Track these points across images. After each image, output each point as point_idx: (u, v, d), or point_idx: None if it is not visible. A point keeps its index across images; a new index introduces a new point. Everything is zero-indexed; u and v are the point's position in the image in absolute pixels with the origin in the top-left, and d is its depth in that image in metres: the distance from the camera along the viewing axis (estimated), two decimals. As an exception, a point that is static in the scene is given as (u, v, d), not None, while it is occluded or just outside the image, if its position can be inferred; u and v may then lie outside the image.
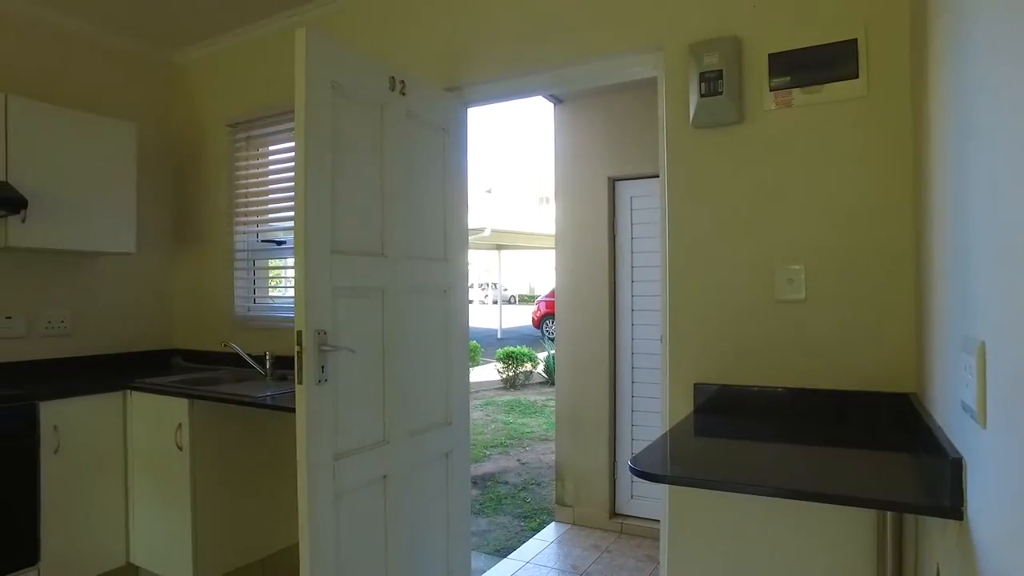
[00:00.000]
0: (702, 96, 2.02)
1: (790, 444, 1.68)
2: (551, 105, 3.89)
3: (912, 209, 1.78)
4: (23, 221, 2.67)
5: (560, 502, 3.86)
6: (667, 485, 2.07)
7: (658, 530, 3.45)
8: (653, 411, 3.58)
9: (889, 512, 1.58)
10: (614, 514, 3.71)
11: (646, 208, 3.60)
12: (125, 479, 2.83)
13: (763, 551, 1.94)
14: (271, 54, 3.25)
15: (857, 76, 1.83)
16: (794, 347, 1.94)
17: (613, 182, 3.70)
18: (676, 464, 1.58)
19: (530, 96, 2.76)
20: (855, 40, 1.84)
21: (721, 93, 1.98)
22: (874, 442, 1.66)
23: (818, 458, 1.58)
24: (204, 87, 3.56)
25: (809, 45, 1.89)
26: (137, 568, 2.89)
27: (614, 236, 3.69)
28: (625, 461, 3.68)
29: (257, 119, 3.27)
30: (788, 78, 1.92)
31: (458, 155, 2.57)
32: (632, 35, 2.23)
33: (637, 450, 3.65)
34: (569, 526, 3.78)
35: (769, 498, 1.86)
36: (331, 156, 1.95)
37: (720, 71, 1.97)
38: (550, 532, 3.73)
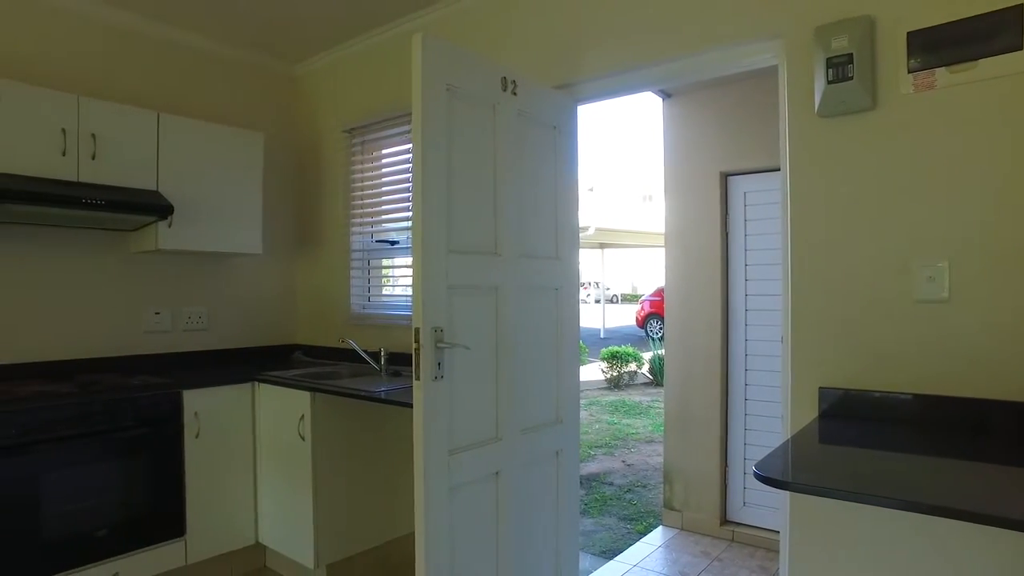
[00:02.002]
0: (829, 83, 1.90)
1: (927, 455, 1.55)
2: (659, 100, 3.80)
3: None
4: (170, 226, 2.93)
5: (668, 506, 3.76)
6: (789, 495, 1.97)
7: (772, 540, 3.31)
8: (767, 415, 3.42)
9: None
10: (725, 521, 3.57)
11: (761, 204, 3.44)
12: (254, 464, 3.03)
13: (894, 571, 1.80)
14: (384, 60, 3.38)
15: (1022, 47, 1.65)
16: (933, 351, 1.78)
17: (725, 177, 3.56)
18: (800, 471, 1.49)
19: (641, 91, 2.72)
20: (1021, 6, 1.65)
21: (851, 78, 1.85)
22: (1028, 458, 1.50)
23: (960, 472, 1.44)
24: (322, 96, 3.76)
25: (960, 18, 1.72)
26: (264, 547, 3.10)
27: (726, 233, 3.55)
28: (737, 466, 3.54)
29: (372, 124, 3.42)
30: (931, 57, 1.76)
31: (569, 153, 2.56)
32: (750, 23, 2.13)
33: (750, 455, 3.49)
34: (677, 531, 3.68)
35: (904, 514, 1.72)
36: (447, 157, 2.00)
37: (850, 55, 1.85)
38: (657, 536, 3.65)
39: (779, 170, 2.15)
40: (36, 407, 2.39)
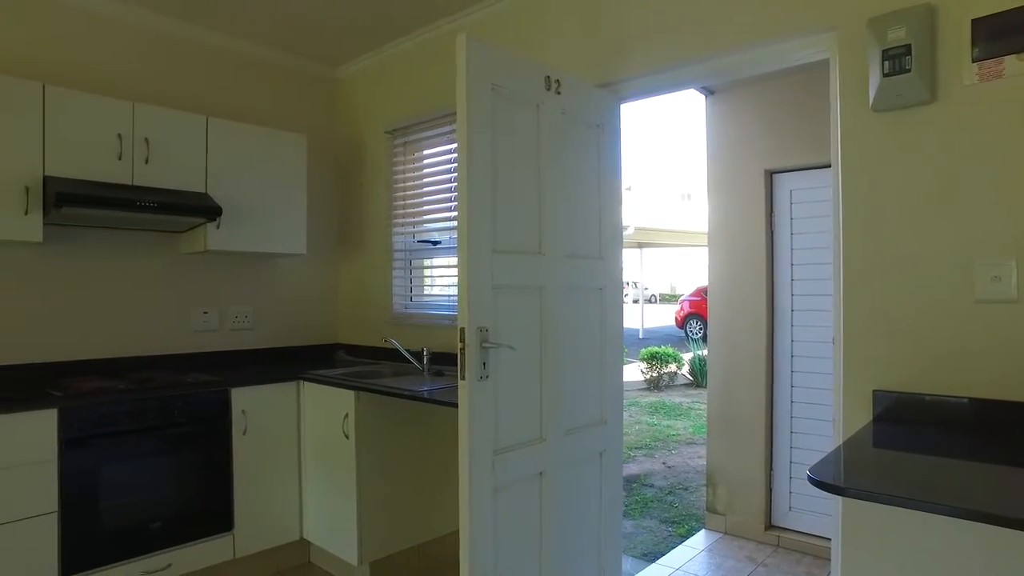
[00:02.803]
0: (885, 76, 1.84)
1: (987, 463, 1.49)
2: (701, 97, 3.74)
3: None
4: (218, 227, 3.00)
5: (711, 509, 3.70)
6: (841, 501, 1.91)
7: (820, 547, 3.23)
8: (815, 418, 3.33)
9: None
10: (770, 526, 3.50)
11: (808, 202, 3.36)
12: (299, 461, 3.09)
13: (956, 582, 1.73)
14: (426, 62, 3.41)
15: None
16: (997, 354, 1.71)
17: (771, 175, 3.49)
18: (855, 477, 1.45)
19: (685, 89, 2.68)
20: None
21: (909, 71, 1.79)
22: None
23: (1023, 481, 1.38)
24: (364, 98, 3.80)
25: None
26: (309, 543, 3.14)
27: (772, 232, 3.48)
28: (783, 470, 3.46)
29: (413, 124, 3.44)
30: (998, 45, 1.69)
31: (612, 152, 2.54)
32: (800, 16, 2.08)
33: (797, 459, 3.41)
34: (720, 535, 3.61)
35: (962, 523, 1.65)
36: (491, 157, 2.00)
37: (907, 46, 1.79)
38: (700, 540, 3.59)
39: (828, 167, 2.10)
40: (96, 403, 2.47)
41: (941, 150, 1.80)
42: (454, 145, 3.27)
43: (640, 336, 15.00)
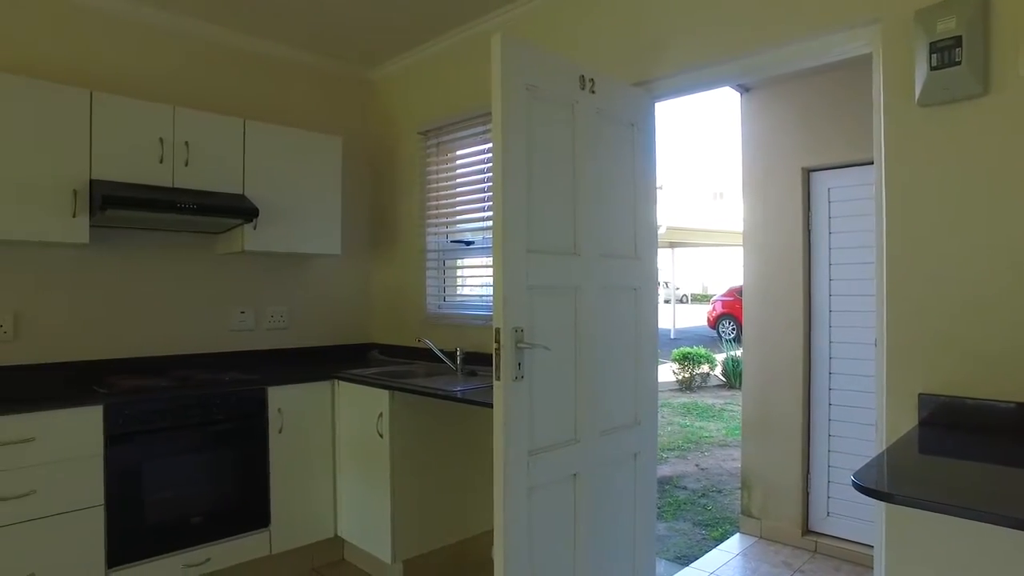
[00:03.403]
0: (933, 69, 1.79)
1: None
2: (735, 94, 3.69)
3: None
4: (255, 228, 3.05)
5: (746, 512, 3.65)
6: (885, 508, 1.86)
7: (860, 553, 3.16)
8: (854, 421, 3.26)
9: None
10: (807, 531, 3.43)
11: (847, 200, 3.28)
12: (333, 460, 3.12)
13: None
14: (458, 62, 3.42)
15: None
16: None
17: (808, 173, 3.42)
18: (901, 483, 1.41)
19: (721, 86, 2.64)
20: None
21: (959, 63, 1.73)
22: None
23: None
24: (397, 99, 3.83)
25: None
26: (343, 541, 3.18)
27: (809, 231, 3.41)
28: (820, 474, 3.39)
29: (446, 125, 3.45)
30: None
31: (646, 151, 2.52)
32: (842, 10, 2.03)
33: (835, 463, 3.34)
34: (755, 539, 3.56)
35: (1017, 533, 1.60)
36: (526, 157, 1.99)
37: (958, 37, 1.73)
38: (734, 544, 3.54)
39: (869, 164, 2.04)
40: (139, 400, 2.53)
41: (994, 144, 1.74)
42: (487, 145, 3.27)
43: (672, 336, 14.85)
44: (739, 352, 9.76)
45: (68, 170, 2.58)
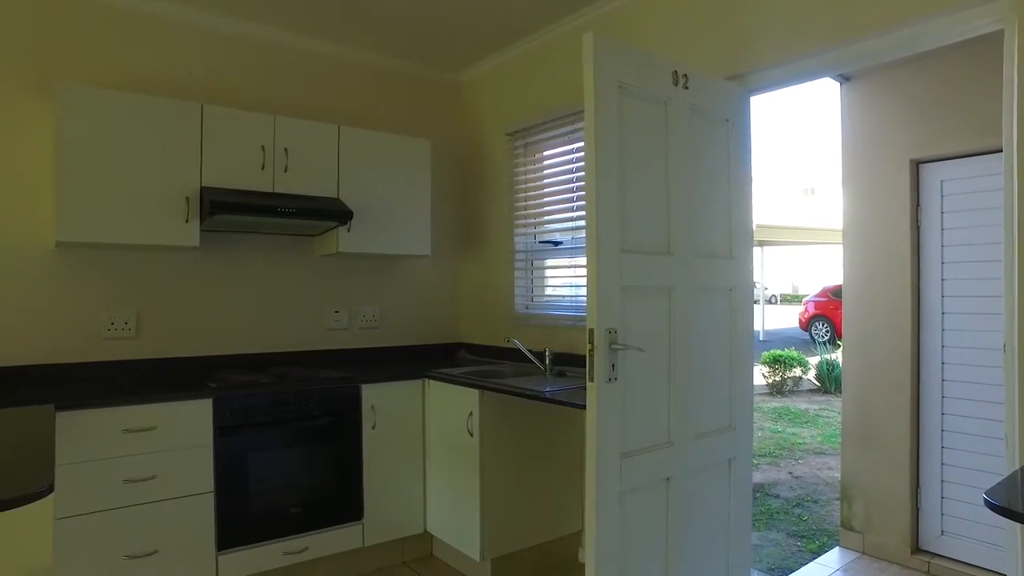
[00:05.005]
0: (1072, 49, 1.63)
1: None
2: (835, 84, 3.50)
3: None
4: (349, 231, 3.16)
5: (846, 525, 3.46)
6: (1021, 530, 1.71)
7: (985, 578, 2.91)
8: (972, 433, 3.02)
9: None
10: (917, 549, 3.20)
11: (964, 193, 3.04)
12: (423, 457, 3.18)
13: None
14: (546, 62, 3.42)
15: None
16: None
17: (917, 165, 3.20)
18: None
19: (822, 77, 2.52)
20: None
21: (1103, 42, 1.57)
22: None
23: None
24: (485, 101, 3.87)
25: None
26: (432, 537, 3.24)
27: (918, 227, 3.19)
28: (932, 488, 3.16)
29: (534, 126, 3.46)
30: None
31: (742, 147, 2.43)
32: (963, -13, 1.89)
33: (950, 477, 3.10)
34: (858, 555, 3.36)
35: None
36: (619, 156, 1.97)
37: (1101, 15, 1.57)
38: (833, 558, 3.36)
39: (991, 153, 1.88)
40: (244, 394, 2.68)
41: None
42: (576, 145, 3.25)
43: (761, 338, 14.31)
44: (834, 355, 9.29)
45: (182, 179, 2.76)
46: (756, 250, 16.40)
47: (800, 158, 22.05)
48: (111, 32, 2.92)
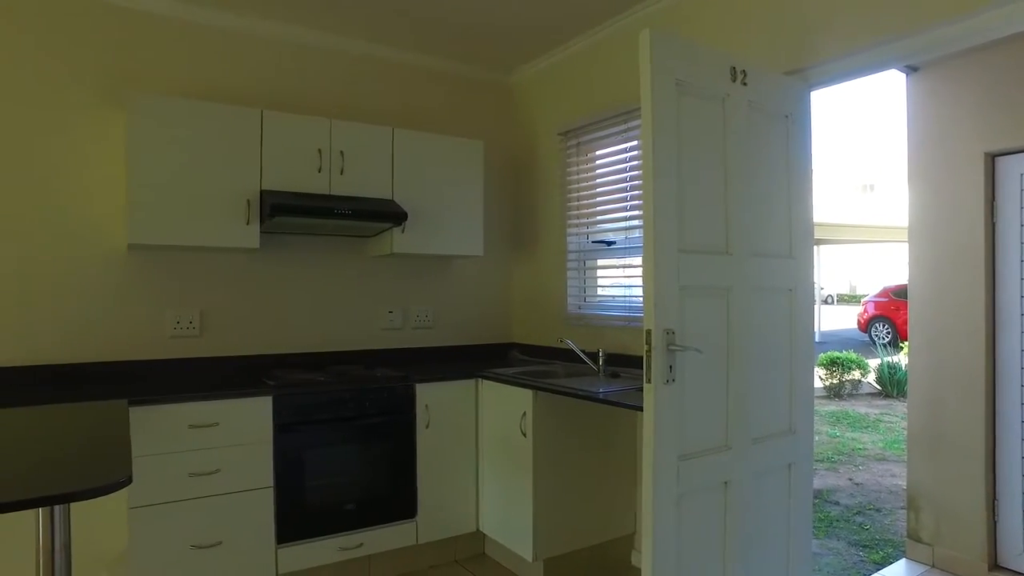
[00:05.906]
0: None
1: None
2: (901, 76, 3.36)
3: None
4: (403, 232, 3.20)
5: (913, 536, 3.31)
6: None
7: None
8: (1051, 441, 2.85)
9: None
10: (995, 566, 3.04)
11: (1043, 187, 2.88)
12: (476, 456, 3.20)
13: None
14: (597, 61, 3.39)
15: None
16: None
17: (992, 158, 3.04)
18: None
19: (888, 68, 2.43)
20: None
21: None
22: None
23: None
24: (536, 101, 3.87)
25: None
26: (484, 536, 3.25)
27: (993, 223, 3.04)
28: (1013, 501, 2.99)
29: (586, 125, 3.44)
30: None
31: (802, 143, 2.36)
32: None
33: (1028, 487, 2.94)
34: (927, 568, 3.21)
35: None
36: (676, 155, 1.93)
37: None
38: (900, 570, 3.22)
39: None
40: (302, 392, 2.74)
41: None
42: (629, 144, 3.22)
43: (817, 339, 13.85)
44: (896, 358, 8.92)
45: (243, 182, 2.85)
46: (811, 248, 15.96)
47: (858, 153, 21.26)
48: (178, 43, 3.04)
